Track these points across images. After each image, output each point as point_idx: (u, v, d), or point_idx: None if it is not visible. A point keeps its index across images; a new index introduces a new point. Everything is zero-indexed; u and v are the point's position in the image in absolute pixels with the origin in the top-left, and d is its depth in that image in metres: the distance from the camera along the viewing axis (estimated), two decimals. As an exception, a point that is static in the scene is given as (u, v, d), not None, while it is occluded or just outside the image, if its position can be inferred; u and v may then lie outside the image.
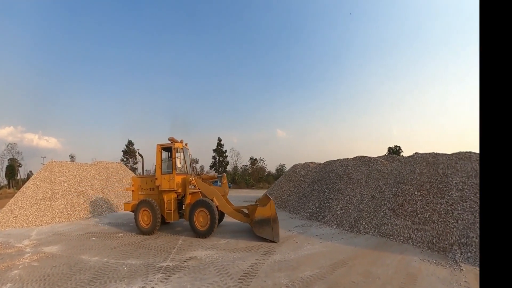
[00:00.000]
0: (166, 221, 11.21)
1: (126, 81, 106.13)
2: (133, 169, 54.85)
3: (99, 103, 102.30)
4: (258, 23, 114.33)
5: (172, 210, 11.09)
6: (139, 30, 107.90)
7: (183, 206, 11.60)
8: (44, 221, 13.36)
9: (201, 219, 10.41)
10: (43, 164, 23.57)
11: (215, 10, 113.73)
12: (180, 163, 11.59)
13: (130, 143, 59.01)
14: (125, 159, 57.87)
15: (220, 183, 12.43)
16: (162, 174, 11.25)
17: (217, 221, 10.50)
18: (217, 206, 10.63)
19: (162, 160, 11.44)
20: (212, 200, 10.73)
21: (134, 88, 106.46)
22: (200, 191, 11.10)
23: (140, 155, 12.86)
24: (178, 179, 11.25)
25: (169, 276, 6.55)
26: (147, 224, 10.99)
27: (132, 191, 12.09)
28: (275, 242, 9.41)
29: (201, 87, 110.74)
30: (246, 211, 11.82)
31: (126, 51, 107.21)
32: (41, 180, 15.94)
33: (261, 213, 9.62)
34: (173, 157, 11.17)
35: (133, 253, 8.44)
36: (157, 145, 11.49)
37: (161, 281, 6.21)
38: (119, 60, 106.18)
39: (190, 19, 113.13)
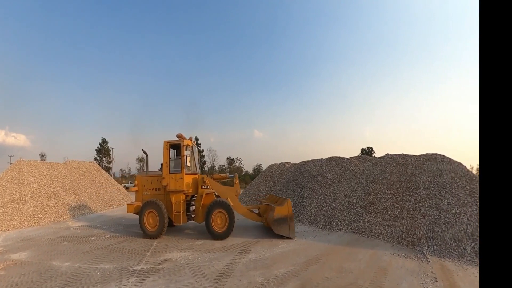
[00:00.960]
0: (174, 223, 10.69)
1: (101, 79, 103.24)
2: (107, 169, 52.78)
3: (73, 99, 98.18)
4: (239, 26, 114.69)
5: (181, 212, 10.38)
6: (115, 28, 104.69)
7: (191, 207, 11.18)
8: (12, 226, 12.52)
9: (218, 221, 9.98)
10: (10, 164, 22.33)
11: (193, 12, 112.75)
12: (190, 161, 10.78)
13: (104, 141, 56.52)
14: (98, 158, 55.42)
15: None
16: (169, 173, 10.39)
17: (234, 222, 10.18)
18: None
19: (169, 158, 10.57)
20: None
21: (109, 86, 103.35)
22: (214, 192, 10.72)
23: (145, 152, 11.88)
24: (188, 179, 10.54)
25: (143, 279, 6.27)
26: (153, 227, 10.14)
27: (136, 191, 11.06)
28: (291, 239, 9.80)
29: (178, 86, 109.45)
30: (256, 211, 11.97)
31: (100, 49, 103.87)
32: (8, 181, 14.97)
33: (280, 212, 9.91)
34: (182, 155, 10.37)
35: (106, 257, 8.02)
36: (165, 141, 10.55)
37: (135, 285, 5.96)
38: (92, 57, 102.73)
39: (168, 21, 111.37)
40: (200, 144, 56.22)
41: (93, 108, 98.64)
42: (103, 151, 56.15)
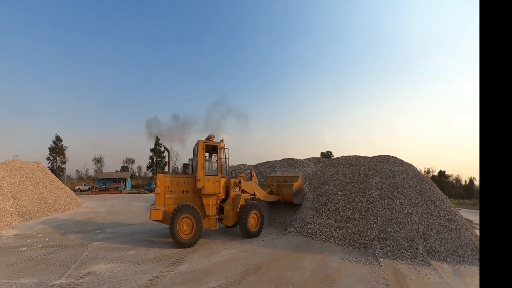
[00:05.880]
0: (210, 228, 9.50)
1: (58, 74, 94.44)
2: (61, 169, 47.75)
3: (24, 92, 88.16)
4: (208, 25, 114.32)
5: (215, 215, 9.32)
6: (69, 18, 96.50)
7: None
8: None
9: (252, 221, 9.66)
10: None
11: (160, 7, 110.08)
12: (228, 164, 10.09)
13: (58, 138, 50.72)
14: (51, 158, 49.73)
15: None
16: (205, 175, 9.10)
17: (264, 222, 10.18)
18: (258, 198, 10.75)
19: (205, 159, 9.40)
20: (254, 194, 10.52)
21: (66, 81, 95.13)
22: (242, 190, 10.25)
23: (166, 149, 10.33)
24: (222, 182, 9.54)
25: (58, 295, 5.14)
26: (187, 234, 8.39)
27: (157, 193, 9.14)
28: (300, 204, 11.02)
29: (141, 83, 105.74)
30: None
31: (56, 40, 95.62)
32: None
33: (297, 186, 11.13)
34: (219, 157, 9.47)
35: (29, 270, 6.52)
36: (200, 141, 9.29)
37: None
38: (49, 49, 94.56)
39: (130, 12, 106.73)
40: (161, 144, 53.41)
41: (48, 102, 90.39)
42: (56, 150, 49.98)
